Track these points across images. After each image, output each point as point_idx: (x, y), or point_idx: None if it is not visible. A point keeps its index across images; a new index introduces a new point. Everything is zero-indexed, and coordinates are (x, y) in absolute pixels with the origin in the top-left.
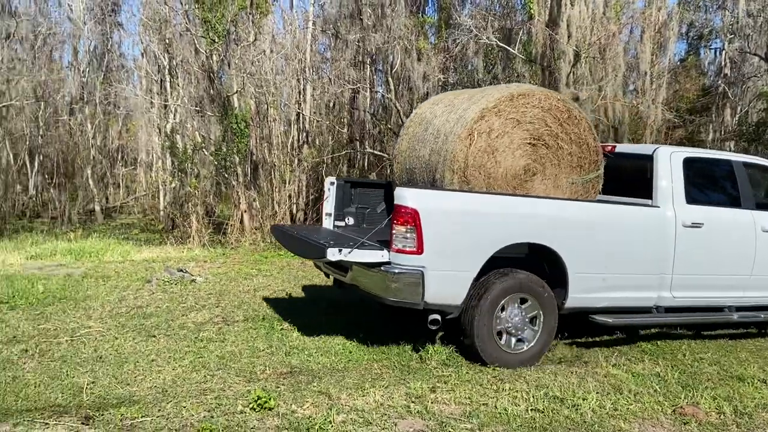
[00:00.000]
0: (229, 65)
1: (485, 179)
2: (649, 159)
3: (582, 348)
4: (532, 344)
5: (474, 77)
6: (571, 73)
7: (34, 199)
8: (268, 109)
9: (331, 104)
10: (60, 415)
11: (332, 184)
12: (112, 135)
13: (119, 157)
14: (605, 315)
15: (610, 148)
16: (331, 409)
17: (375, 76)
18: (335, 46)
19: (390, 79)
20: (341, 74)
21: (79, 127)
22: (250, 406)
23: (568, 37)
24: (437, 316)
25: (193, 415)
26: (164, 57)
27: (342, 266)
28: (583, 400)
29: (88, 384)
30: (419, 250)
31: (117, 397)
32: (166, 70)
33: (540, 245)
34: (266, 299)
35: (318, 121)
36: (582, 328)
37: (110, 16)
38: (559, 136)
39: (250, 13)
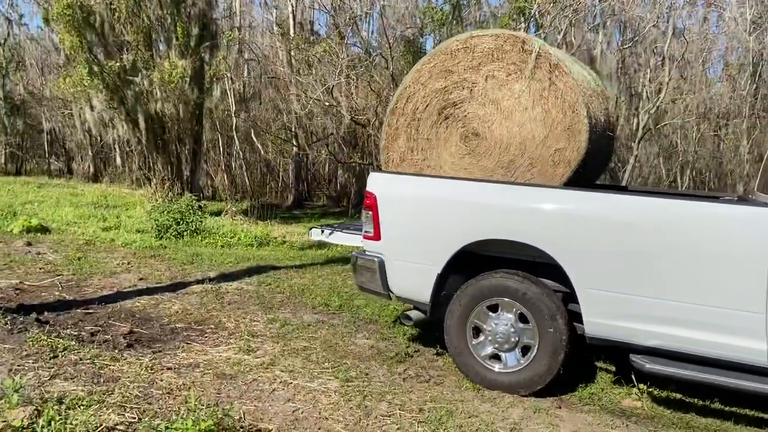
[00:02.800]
0: None
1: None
2: None
3: None
4: (526, 364)
5: None
6: None
7: None
8: None
9: None
10: None
11: None
12: None
13: None
14: (646, 357)
15: None
16: None
17: None
18: None
19: None
20: None
21: None
22: None
23: None
24: (412, 314)
25: None
26: None
27: None
28: None
29: None
30: (377, 236)
31: None
32: None
33: (527, 245)
34: None
35: None
36: None
37: None
38: (460, 82)
39: None
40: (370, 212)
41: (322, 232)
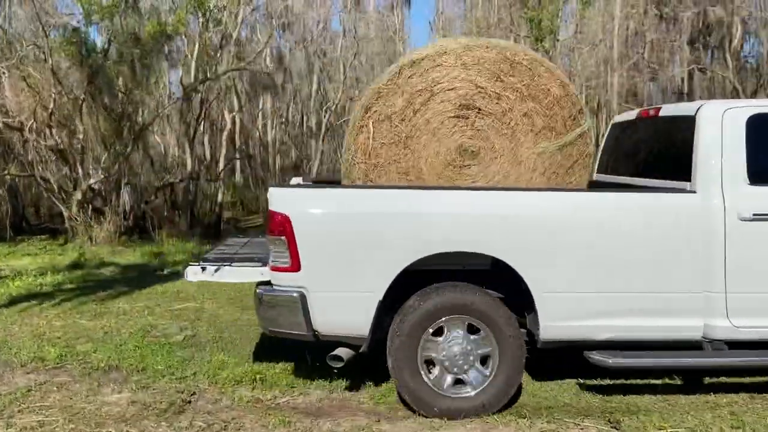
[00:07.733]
0: None
1: (402, 178)
2: (690, 122)
3: None
4: (483, 387)
5: None
6: None
7: None
8: None
9: None
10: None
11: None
12: None
13: None
14: (606, 352)
15: (653, 111)
16: None
17: None
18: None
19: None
20: None
21: None
22: None
23: None
24: (342, 352)
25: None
26: None
27: None
28: None
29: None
30: (295, 267)
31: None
32: None
33: (481, 255)
34: None
35: None
36: None
37: None
38: (502, 96)
39: None
40: (283, 237)
41: (203, 269)
